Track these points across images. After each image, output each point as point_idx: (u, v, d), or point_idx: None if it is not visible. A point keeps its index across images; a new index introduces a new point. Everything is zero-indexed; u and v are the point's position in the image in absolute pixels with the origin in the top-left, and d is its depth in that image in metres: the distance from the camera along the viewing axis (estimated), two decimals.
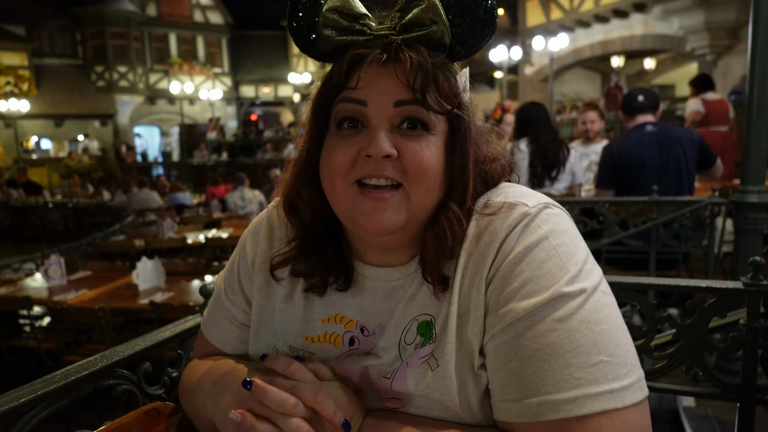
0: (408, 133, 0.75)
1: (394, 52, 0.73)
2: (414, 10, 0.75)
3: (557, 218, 0.75)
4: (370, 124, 0.75)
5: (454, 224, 0.76)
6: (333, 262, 0.84)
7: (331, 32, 0.77)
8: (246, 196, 8.14)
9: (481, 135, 0.83)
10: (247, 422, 0.72)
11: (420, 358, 0.76)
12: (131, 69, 23.97)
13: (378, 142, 0.73)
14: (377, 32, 0.76)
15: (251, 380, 0.74)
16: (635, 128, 3.63)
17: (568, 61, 17.64)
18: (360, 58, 0.75)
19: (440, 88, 0.74)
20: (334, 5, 0.77)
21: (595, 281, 0.72)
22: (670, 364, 1.43)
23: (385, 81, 0.74)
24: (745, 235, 2.80)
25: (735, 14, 12.01)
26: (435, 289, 0.77)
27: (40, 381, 1.01)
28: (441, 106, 0.75)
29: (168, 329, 1.28)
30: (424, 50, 0.74)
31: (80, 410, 1.50)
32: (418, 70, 0.72)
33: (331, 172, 0.76)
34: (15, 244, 11.53)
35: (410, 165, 0.74)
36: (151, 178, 15.06)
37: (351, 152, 0.75)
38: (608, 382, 0.65)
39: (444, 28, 0.75)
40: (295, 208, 0.85)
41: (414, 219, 0.76)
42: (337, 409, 0.74)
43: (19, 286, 4.47)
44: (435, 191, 0.76)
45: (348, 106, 0.76)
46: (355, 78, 0.75)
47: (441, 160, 0.76)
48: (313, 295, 0.87)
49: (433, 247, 0.76)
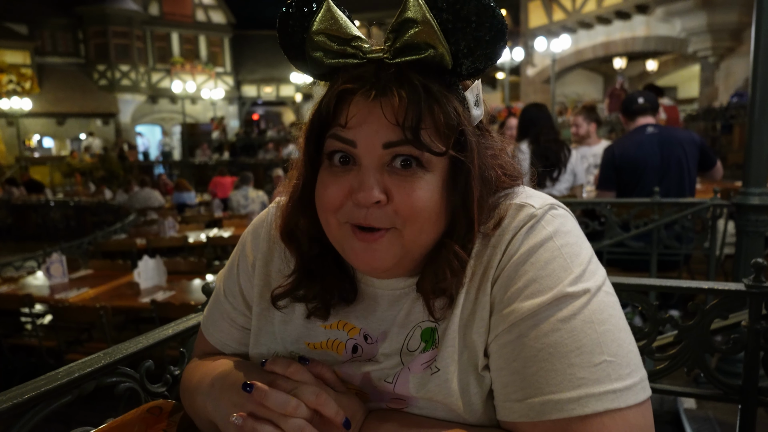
0: (400, 172, 0.71)
1: (384, 87, 0.68)
2: (408, 33, 0.68)
3: (562, 219, 0.75)
4: (361, 164, 0.72)
5: (454, 265, 0.74)
6: (334, 284, 0.83)
7: (320, 55, 0.73)
8: (249, 195, 8.15)
9: (489, 163, 0.78)
10: (249, 425, 0.71)
11: (422, 364, 0.76)
12: (133, 68, 24.02)
13: (366, 188, 0.70)
14: (370, 56, 0.71)
15: (251, 383, 0.74)
16: (636, 130, 3.64)
17: (570, 62, 17.64)
18: (349, 93, 0.71)
19: (436, 123, 0.69)
20: (321, 27, 0.72)
21: (599, 281, 0.72)
22: (672, 366, 1.43)
23: (375, 118, 0.70)
24: (746, 237, 2.79)
25: (738, 16, 12.01)
26: (434, 312, 0.76)
27: (43, 378, 1.01)
28: (435, 146, 0.69)
29: (170, 327, 1.28)
30: (417, 80, 0.68)
31: (81, 409, 1.50)
32: (408, 108, 0.67)
33: (323, 208, 0.75)
34: (16, 242, 11.54)
35: (401, 208, 0.71)
36: (152, 177, 15.08)
37: (341, 192, 0.73)
38: (611, 382, 0.65)
39: (443, 50, 0.68)
40: (293, 236, 0.84)
41: (410, 254, 0.75)
42: (339, 409, 0.74)
43: (21, 284, 4.47)
44: (431, 230, 0.74)
45: (337, 144, 0.73)
46: (344, 115, 0.71)
47: (438, 199, 0.72)
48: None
49: (431, 286, 0.75)
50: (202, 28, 26.72)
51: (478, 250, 0.76)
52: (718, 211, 3.41)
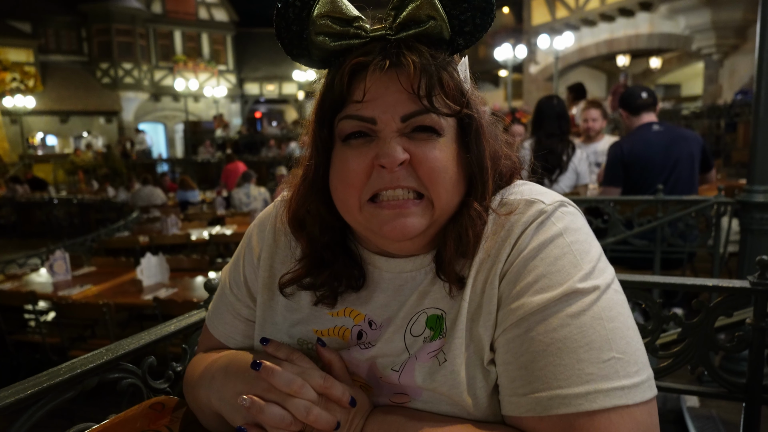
0: (416, 137, 0.74)
1: (396, 57, 0.71)
2: (409, 7, 0.72)
3: (572, 216, 0.76)
4: (381, 136, 0.73)
5: (477, 223, 0.75)
6: (343, 272, 0.83)
7: (324, 39, 0.74)
8: (252, 193, 8.16)
9: (492, 130, 0.82)
10: (256, 406, 0.72)
11: (429, 353, 0.76)
12: (136, 66, 24.04)
13: (391, 150, 0.71)
14: (373, 34, 0.74)
15: (260, 361, 0.75)
16: (642, 127, 3.58)
17: (574, 59, 17.59)
18: (361, 67, 0.72)
19: (446, 88, 0.73)
20: (324, 11, 0.74)
21: (608, 279, 0.72)
22: (676, 364, 1.43)
23: (390, 92, 0.72)
24: (751, 235, 2.78)
25: (742, 13, 11.95)
26: (451, 288, 0.76)
27: (45, 374, 1.01)
28: (449, 107, 0.73)
29: (173, 324, 1.28)
30: (425, 50, 0.72)
31: (84, 405, 1.51)
32: (422, 74, 0.70)
33: (346, 185, 0.75)
34: (20, 239, 11.58)
35: (422, 168, 0.72)
36: (155, 175, 15.11)
37: (365, 162, 0.73)
38: (619, 379, 0.65)
39: (442, 23, 0.73)
40: (303, 224, 0.84)
41: (437, 222, 0.76)
42: (345, 389, 0.75)
43: (25, 281, 4.49)
44: (455, 191, 0.75)
45: (355, 123, 0.74)
46: (360, 89, 0.72)
47: (454, 158, 0.75)
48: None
49: (454, 246, 0.75)
50: (205, 26, 26.71)
51: (487, 243, 0.76)
52: (723, 208, 3.40)
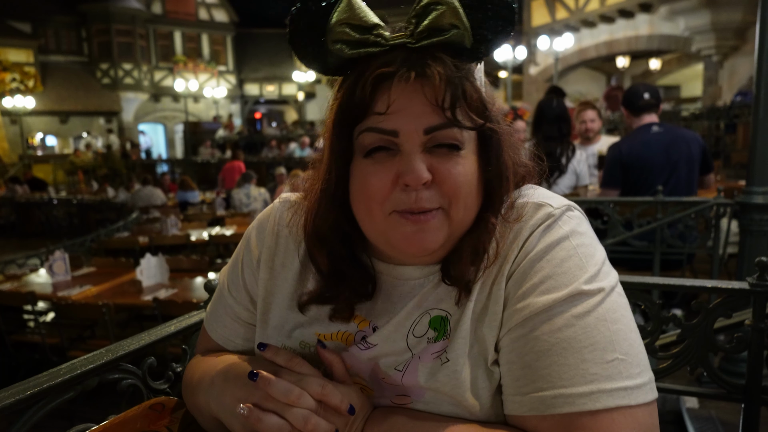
0: (438, 152, 0.72)
1: (421, 68, 0.69)
2: (432, 15, 0.69)
3: (578, 220, 0.77)
4: (403, 150, 0.72)
5: (492, 236, 0.75)
6: (359, 285, 0.82)
7: (342, 47, 0.72)
8: (252, 193, 8.17)
9: (510, 140, 0.81)
10: (255, 415, 0.72)
11: (433, 353, 0.76)
12: (136, 66, 24.05)
13: (415, 169, 0.70)
14: (393, 42, 0.71)
15: (257, 372, 0.74)
16: (642, 129, 3.57)
17: (573, 61, 17.60)
18: (385, 77, 0.70)
19: (469, 101, 0.71)
20: (343, 18, 0.71)
21: (613, 282, 0.73)
22: (675, 365, 1.43)
23: (414, 104, 0.70)
24: (750, 237, 2.79)
25: (742, 15, 11.96)
26: (460, 295, 0.76)
27: (45, 374, 1.00)
28: (472, 120, 0.72)
29: (173, 324, 1.28)
30: (448, 60, 0.70)
31: (84, 405, 1.51)
32: (447, 85, 0.69)
33: (368, 198, 0.73)
34: (20, 239, 11.57)
35: (445, 186, 0.72)
36: (155, 176, 15.10)
37: (388, 178, 0.72)
38: (623, 380, 0.66)
39: (465, 31, 0.70)
40: (324, 240, 0.81)
41: (453, 235, 0.76)
42: (343, 397, 0.75)
43: (24, 281, 4.49)
44: (473, 206, 0.75)
45: (376, 136, 0.72)
46: (382, 100, 0.70)
47: (474, 173, 0.74)
48: None
49: (470, 259, 0.75)
50: (205, 27, 26.73)
51: (495, 247, 0.76)
52: (722, 210, 3.40)
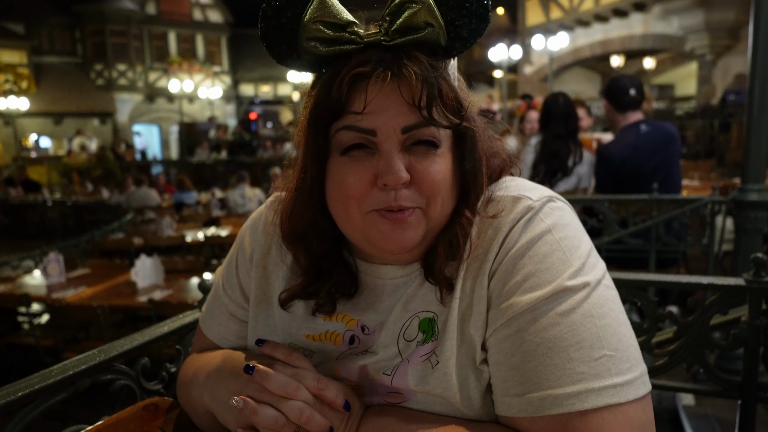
0: (415, 150, 0.72)
1: (397, 67, 0.68)
2: (406, 13, 0.69)
3: (560, 212, 0.75)
4: (381, 149, 0.71)
5: (467, 228, 0.75)
6: (341, 280, 0.82)
7: (316, 44, 0.71)
8: (246, 194, 8.15)
9: (485, 133, 0.80)
10: (249, 407, 0.71)
11: (421, 356, 0.76)
12: (131, 67, 23.95)
13: (394, 170, 0.69)
14: (368, 40, 0.71)
15: (253, 365, 0.74)
16: (630, 129, 3.47)
17: (568, 60, 17.66)
18: (362, 77, 0.69)
19: (445, 100, 0.71)
20: (316, 16, 0.70)
21: (599, 275, 0.71)
22: (671, 362, 1.43)
23: (391, 104, 0.70)
24: (745, 234, 2.79)
25: (735, 14, 12.04)
26: (441, 291, 0.76)
27: (37, 375, 1.00)
28: (448, 119, 0.71)
29: (166, 324, 1.28)
30: (424, 59, 0.70)
31: (78, 406, 1.50)
32: (423, 85, 0.68)
33: (346, 197, 0.72)
34: (14, 241, 11.49)
35: (424, 185, 0.71)
36: (150, 177, 15.04)
37: (366, 177, 0.71)
38: (611, 377, 0.65)
39: (440, 30, 0.70)
40: (301, 237, 0.81)
41: (431, 232, 0.75)
42: (338, 392, 0.75)
43: (18, 283, 4.46)
44: (449, 202, 0.75)
45: (354, 135, 0.71)
46: (359, 100, 0.70)
47: (450, 169, 0.74)
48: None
49: (445, 253, 0.75)
50: (200, 27, 26.64)
51: (474, 243, 0.75)
52: (717, 207, 3.41)
